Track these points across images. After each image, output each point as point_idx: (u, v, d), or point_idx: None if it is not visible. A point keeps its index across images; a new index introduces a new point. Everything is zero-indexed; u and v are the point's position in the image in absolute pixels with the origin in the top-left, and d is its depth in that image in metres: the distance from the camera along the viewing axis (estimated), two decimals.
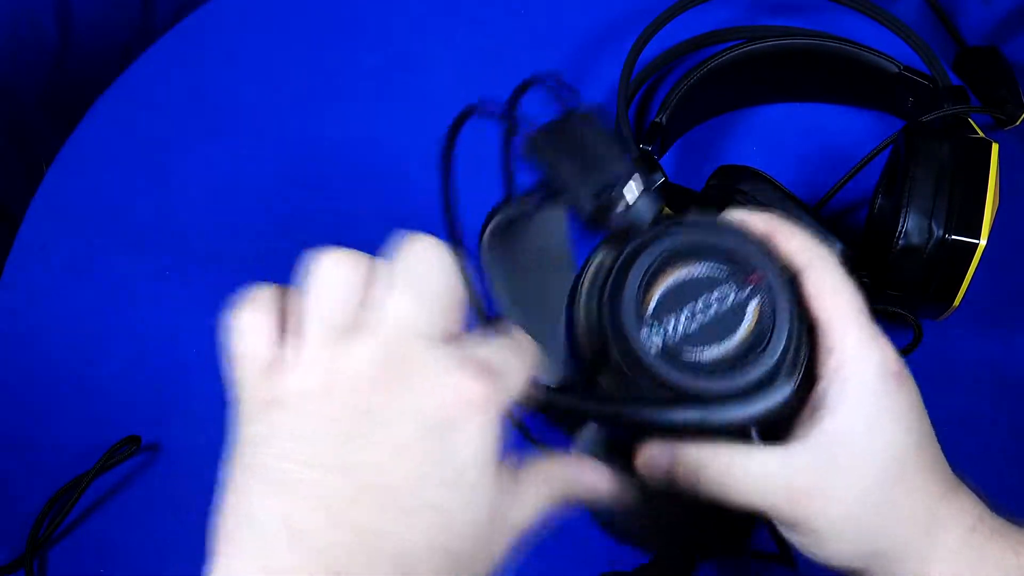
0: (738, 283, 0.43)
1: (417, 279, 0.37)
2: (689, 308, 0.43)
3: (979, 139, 0.60)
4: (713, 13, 0.74)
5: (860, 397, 0.43)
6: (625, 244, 0.44)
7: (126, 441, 0.66)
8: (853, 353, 0.44)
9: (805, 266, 0.45)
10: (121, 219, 0.73)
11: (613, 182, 0.44)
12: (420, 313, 0.37)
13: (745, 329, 0.43)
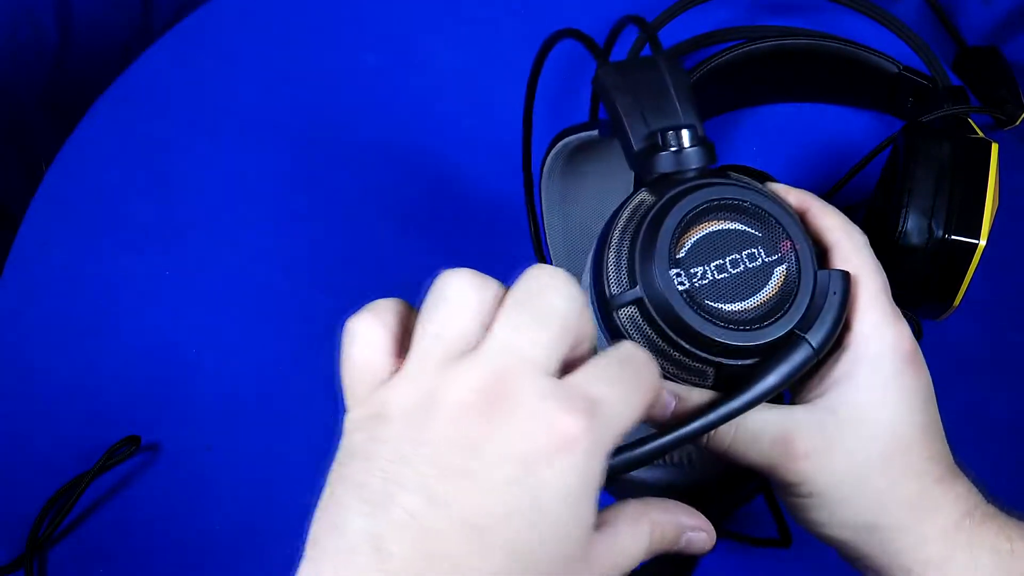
0: (769, 247, 0.44)
1: (538, 309, 0.37)
2: (719, 261, 0.44)
3: (979, 139, 0.60)
4: (713, 13, 0.74)
5: (870, 373, 0.45)
6: (669, 188, 0.44)
7: (126, 441, 0.66)
8: (869, 331, 0.45)
9: (835, 244, 0.47)
10: (121, 219, 0.73)
11: (669, 126, 0.45)
12: (533, 344, 0.36)
13: (767, 292, 0.44)
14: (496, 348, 0.36)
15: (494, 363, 0.36)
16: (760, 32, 0.72)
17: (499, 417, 0.35)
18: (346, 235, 0.71)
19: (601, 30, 0.76)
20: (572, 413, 0.35)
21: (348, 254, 0.70)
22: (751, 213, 0.44)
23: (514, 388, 0.36)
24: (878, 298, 0.46)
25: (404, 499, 0.35)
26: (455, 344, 0.37)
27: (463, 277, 0.38)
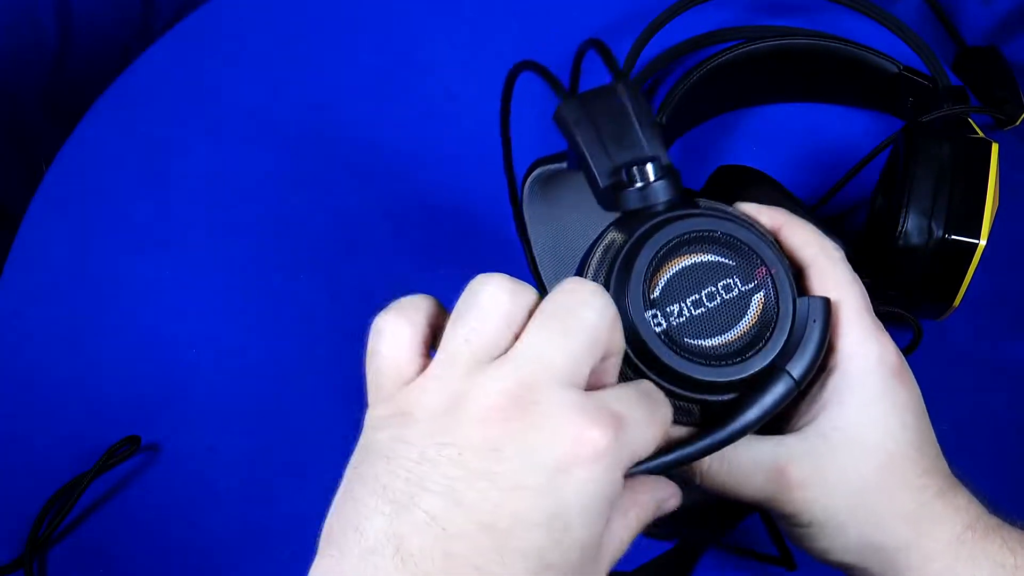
0: (744, 276, 0.44)
1: (569, 321, 0.37)
2: (695, 295, 0.43)
3: (979, 139, 0.60)
4: (713, 13, 0.74)
5: (858, 393, 0.44)
6: (638, 225, 0.44)
7: (126, 441, 0.66)
8: (852, 350, 0.45)
9: (810, 261, 0.46)
10: (121, 219, 0.73)
11: (633, 160, 0.44)
12: (563, 355, 0.36)
13: (747, 322, 0.44)
14: (526, 356, 0.36)
15: (523, 371, 0.36)
16: (760, 32, 0.72)
17: (525, 425, 0.36)
18: (346, 235, 0.71)
19: (601, 30, 0.76)
20: (599, 427, 0.36)
21: (348, 254, 0.70)
22: (723, 243, 0.44)
23: (542, 397, 0.36)
24: (859, 314, 0.45)
25: (427, 501, 0.35)
26: (485, 349, 0.37)
27: (498, 283, 0.38)
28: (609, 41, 0.76)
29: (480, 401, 0.36)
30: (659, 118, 0.67)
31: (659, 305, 0.43)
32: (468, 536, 0.35)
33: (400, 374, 0.38)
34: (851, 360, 0.45)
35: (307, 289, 0.69)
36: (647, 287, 0.43)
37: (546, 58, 0.75)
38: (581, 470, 0.35)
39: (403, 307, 0.39)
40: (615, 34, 0.76)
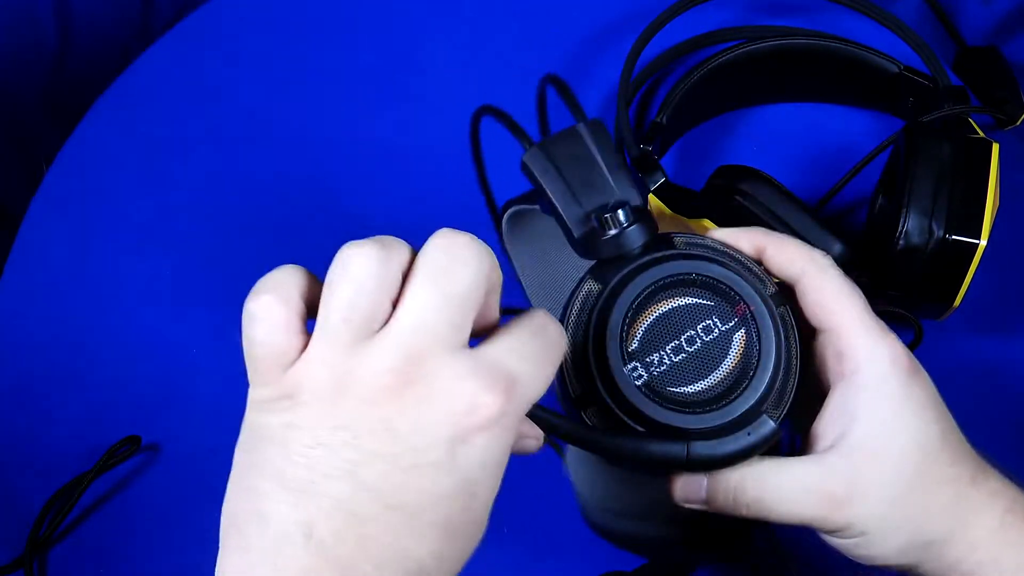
0: (724, 315, 0.43)
1: (445, 283, 0.36)
2: (674, 341, 0.43)
3: (980, 139, 0.60)
4: (713, 13, 0.74)
5: (879, 399, 0.44)
6: (612, 274, 0.43)
7: (126, 441, 0.66)
8: (865, 355, 0.44)
9: (800, 275, 0.46)
10: (121, 219, 0.73)
11: (603, 206, 0.43)
12: (444, 319, 0.36)
13: (730, 363, 0.43)
14: (407, 328, 0.36)
15: (406, 344, 0.36)
16: (760, 32, 0.72)
17: (417, 400, 0.35)
18: (346, 235, 0.71)
19: (601, 30, 0.76)
20: (491, 392, 0.36)
21: None
22: (699, 284, 0.43)
23: (429, 369, 0.36)
24: (862, 319, 0.45)
25: (330, 486, 0.35)
26: (364, 324, 0.36)
27: (366, 251, 0.37)
28: (609, 41, 0.76)
29: (367, 381, 0.35)
30: (659, 118, 0.67)
31: (638, 357, 0.42)
32: (378, 517, 0.35)
33: (280, 357, 0.37)
34: (866, 366, 0.44)
35: None
36: (624, 341, 0.42)
37: (546, 59, 0.75)
38: (479, 437, 0.36)
39: (273, 286, 0.38)
40: (615, 34, 0.76)
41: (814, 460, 0.45)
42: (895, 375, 0.44)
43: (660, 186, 0.62)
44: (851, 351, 0.45)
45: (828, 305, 0.45)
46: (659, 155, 0.69)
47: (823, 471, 0.44)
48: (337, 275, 0.37)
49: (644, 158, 0.63)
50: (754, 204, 0.60)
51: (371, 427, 0.35)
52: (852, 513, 0.44)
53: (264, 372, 0.37)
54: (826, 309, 0.45)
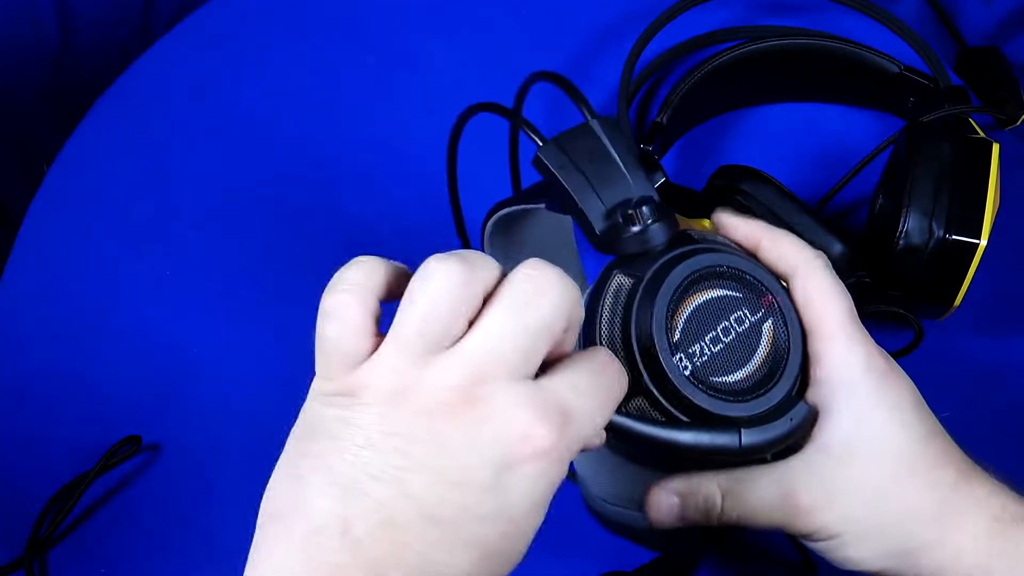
0: (752, 306, 0.44)
1: (525, 313, 0.36)
2: (712, 332, 0.43)
3: (980, 139, 0.60)
4: (714, 13, 0.74)
5: (851, 402, 0.44)
6: (645, 268, 0.43)
7: (126, 441, 0.66)
8: (840, 359, 0.45)
9: (792, 272, 0.46)
10: (121, 219, 0.73)
11: (626, 202, 0.44)
12: (515, 349, 0.36)
13: (763, 351, 0.44)
14: (477, 349, 0.36)
15: (474, 365, 0.36)
16: (760, 32, 0.72)
17: (473, 420, 0.36)
18: (346, 235, 0.71)
19: (601, 30, 0.76)
20: (546, 424, 0.36)
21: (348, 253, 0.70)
22: (729, 276, 0.44)
23: (490, 392, 0.36)
24: (843, 323, 0.45)
25: (374, 487, 0.35)
26: (437, 339, 0.36)
27: (451, 266, 0.37)
28: (610, 41, 0.76)
29: (429, 394, 0.36)
30: (660, 118, 0.67)
31: (682, 347, 0.43)
32: (415, 526, 0.35)
33: (349, 356, 0.37)
34: (839, 370, 0.45)
35: (307, 288, 0.68)
36: (670, 331, 0.42)
37: (546, 59, 0.75)
38: (528, 466, 0.36)
39: (351, 285, 0.38)
40: (616, 34, 0.76)
41: (780, 465, 0.45)
42: (869, 379, 0.45)
43: (661, 186, 0.62)
44: (826, 355, 0.45)
45: (813, 304, 0.45)
46: (660, 155, 0.69)
47: (786, 477, 0.44)
48: (418, 287, 0.37)
49: (645, 158, 0.63)
50: (755, 204, 0.60)
51: (424, 438, 0.36)
52: (823, 517, 0.44)
53: (331, 367, 0.37)
54: (810, 308, 0.45)
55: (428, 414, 0.36)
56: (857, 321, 0.46)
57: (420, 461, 0.35)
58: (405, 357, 0.36)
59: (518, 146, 0.55)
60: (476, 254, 0.38)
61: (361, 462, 0.35)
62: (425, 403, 0.36)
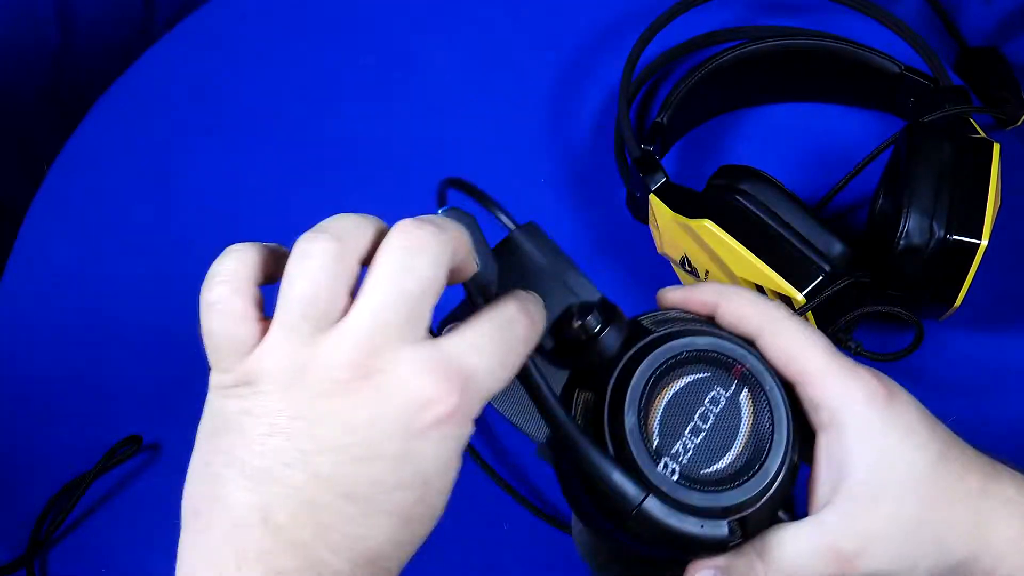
0: (724, 381, 0.42)
1: (401, 275, 0.36)
2: (690, 423, 0.41)
3: (981, 139, 0.60)
4: (714, 13, 0.74)
5: (863, 440, 0.43)
6: (606, 379, 0.41)
7: (127, 441, 0.66)
8: (838, 401, 0.43)
9: (760, 330, 0.44)
10: (122, 219, 0.73)
11: (567, 313, 0.42)
12: (400, 313, 0.36)
13: (746, 424, 0.42)
14: (362, 323, 0.36)
15: (362, 339, 0.36)
16: (761, 32, 0.72)
17: (372, 394, 0.36)
18: None
19: (602, 30, 0.76)
20: (445, 387, 0.36)
21: None
22: (691, 359, 0.42)
23: (385, 363, 0.36)
24: (828, 363, 0.43)
25: (287, 474, 0.35)
26: (321, 318, 0.36)
27: (323, 244, 0.37)
28: (610, 41, 0.76)
29: (324, 374, 0.36)
30: (660, 118, 0.67)
31: (664, 451, 0.41)
32: (333, 505, 0.36)
33: (238, 346, 0.37)
34: (842, 411, 0.43)
35: None
36: (646, 440, 0.40)
37: (547, 59, 0.75)
38: (433, 432, 0.36)
39: (227, 275, 0.38)
40: (616, 34, 0.76)
41: (815, 521, 0.43)
42: (873, 411, 0.43)
43: (661, 186, 0.62)
44: (824, 399, 0.43)
45: (792, 356, 0.43)
46: (660, 155, 0.69)
47: (825, 531, 0.43)
48: (294, 268, 0.37)
49: (645, 158, 0.63)
50: (755, 204, 0.60)
51: (326, 418, 0.36)
52: (867, 563, 0.43)
53: (223, 359, 0.37)
54: (791, 361, 0.43)
55: (327, 395, 0.36)
56: (840, 355, 0.44)
57: (326, 442, 0.35)
58: (293, 340, 0.36)
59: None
60: (344, 221, 0.38)
61: (271, 451, 0.36)
62: (321, 384, 0.36)
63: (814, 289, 0.57)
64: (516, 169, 0.72)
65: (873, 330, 0.66)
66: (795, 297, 0.57)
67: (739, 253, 0.58)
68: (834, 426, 0.43)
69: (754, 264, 0.58)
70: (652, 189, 0.62)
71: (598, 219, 0.71)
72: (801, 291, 0.57)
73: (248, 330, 0.37)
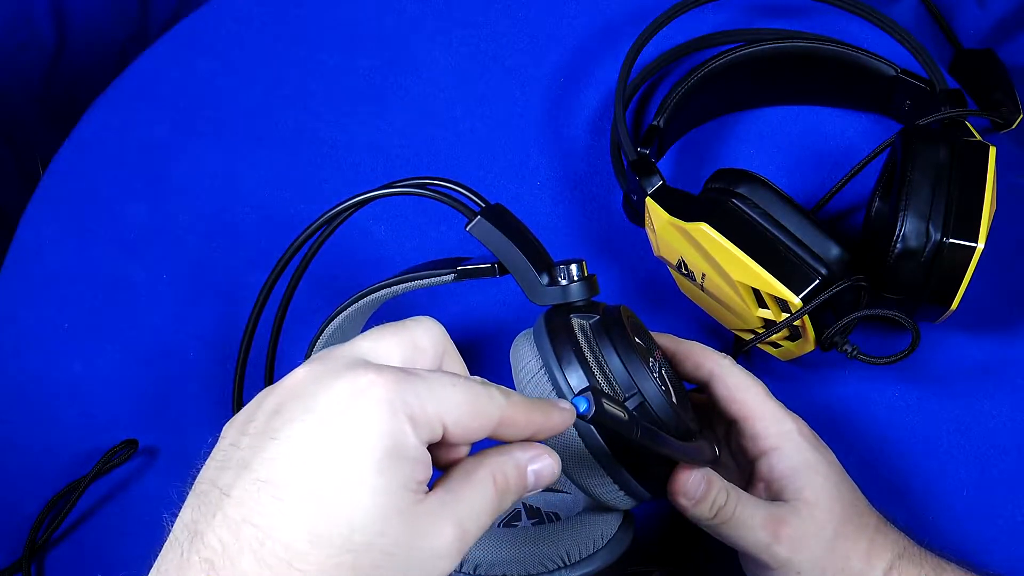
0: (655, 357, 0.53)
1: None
2: (654, 367, 0.51)
3: (977, 142, 0.60)
4: (711, 16, 0.74)
5: (802, 463, 0.54)
6: (593, 310, 0.51)
7: (123, 445, 0.66)
8: (776, 433, 0.54)
9: (709, 378, 0.56)
10: (118, 221, 0.73)
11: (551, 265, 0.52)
12: None
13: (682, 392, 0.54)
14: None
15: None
16: (757, 35, 0.72)
17: (308, 391, 0.37)
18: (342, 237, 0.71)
19: (600, 31, 0.76)
20: (371, 370, 0.37)
21: (343, 256, 0.70)
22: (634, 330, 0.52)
23: (324, 374, 0.38)
24: (766, 402, 0.55)
25: (210, 476, 0.37)
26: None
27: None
28: (608, 42, 0.76)
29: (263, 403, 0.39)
30: (657, 121, 0.67)
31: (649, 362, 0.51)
32: (241, 501, 0.36)
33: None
34: (782, 440, 0.54)
35: (304, 291, 0.69)
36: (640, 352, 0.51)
37: (543, 60, 0.75)
38: (357, 408, 0.36)
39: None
40: (612, 36, 0.76)
41: (774, 504, 0.53)
42: (807, 444, 0.54)
43: (657, 189, 0.62)
44: (764, 433, 0.54)
45: (738, 398, 0.55)
46: (656, 158, 0.69)
47: (774, 509, 0.53)
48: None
49: (641, 161, 0.63)
50: (751, 208, 0.60)
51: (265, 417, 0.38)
52: (794, 554, 0.52)
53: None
54: (735, 403, 0.55)
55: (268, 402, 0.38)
56: (775, 400, 0.56)
57: (258, 439, 0.37)
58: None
59: None
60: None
61: (207, 467, 0.39)
62: (263, 405, 0.39)
63: (810, 292, 0.57)
64: (513, 172, 0.72)
65: (870, 333, 0.66)
66: (791, 300, 0.57)
67: (735, 257, 0.58)
68: (774, 452, 0.54)
69: (750, 268, 0.58)
70: (648, 192, 0.62)
71: (594, 222, 0.71)
72: (797, 294, 0.57)
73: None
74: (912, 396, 0.66)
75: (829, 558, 0.53)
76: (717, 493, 0.52)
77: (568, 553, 0.50)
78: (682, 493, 0.51)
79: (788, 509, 0.53)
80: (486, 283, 0.66)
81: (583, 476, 0.50)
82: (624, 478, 0.50)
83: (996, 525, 0.63)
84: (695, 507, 0.52)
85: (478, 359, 0.68)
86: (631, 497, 0.51)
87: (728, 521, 0.52)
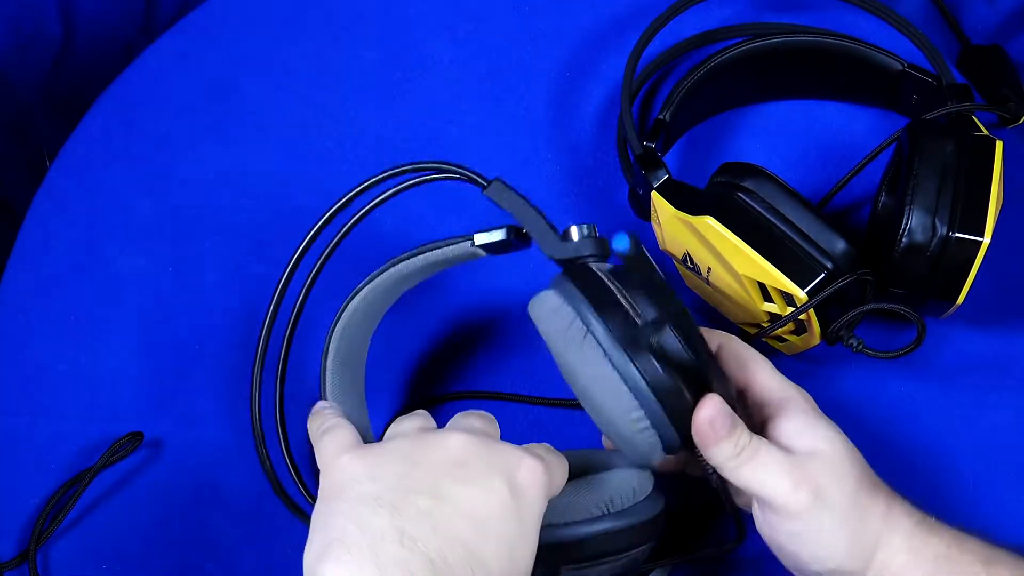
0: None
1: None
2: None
3: (983, 136, 0.60)
4: (717, 10, 0.74)
5: (814, 424, 0.54)
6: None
7: (128, 437, 0.66)
8: (784, 397, 0.55)
9: (719, 347, 0.56)
10: (123, 216, 0.73)
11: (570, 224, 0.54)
12: None
13: None
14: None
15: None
16: (764, 29, 0.72)
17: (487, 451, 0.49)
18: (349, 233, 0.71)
19: (605, 27, 0.76)
20: (538, 461, 0.49)
21: (349, 251, 0.70)
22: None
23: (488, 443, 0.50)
24: (772, 373, 0.56)
25: (416, 500, 0.46)
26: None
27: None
28: (613, 37, 0.76)
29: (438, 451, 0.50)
30: (663, 115, 0.67)
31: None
32: (456, 522, 0.47)
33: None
34: (790, 403, 0.54)
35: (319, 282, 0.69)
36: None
37: (550, 56, 0.75)
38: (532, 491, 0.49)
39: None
40: (619, 31, 0.76)
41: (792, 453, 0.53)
42: (814, 411, 0.55)
43: (663, 183, 0.62)
44: (771, 398, 0.55)
45: (744, 367, 0.55)
46: (663, 152, 0.69)
47: (794, 457, 0.52)
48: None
49: (648, 155, 0.63)
50: (757, 201, 0.60)
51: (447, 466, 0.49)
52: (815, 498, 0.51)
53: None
54: (743, 370, 0.55)
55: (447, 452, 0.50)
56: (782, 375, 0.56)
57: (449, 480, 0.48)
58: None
59: None
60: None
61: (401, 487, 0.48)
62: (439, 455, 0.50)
63: (816, 286, 0.57)
64: (519, 166, 0.72)
65: (875, 327, 0.66)
66: (797, 294, 0.57)
67: (741, 250, 0.58)
68: (784, 414, 0.54)
69: (756, 262, 0.58)
70: (654, 186, 0.62)
71: (600, 216, 0.71)
72: (803, 288, 0.57)
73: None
74: (918, 390, 0.66)
75: (850, 512, 0.52)
76: (742, 432, 0.51)
77: (611, 500, 0.54)
78: (710, 422, 0.50)
79: (810, 458, 0.52)
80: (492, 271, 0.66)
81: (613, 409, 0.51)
82: (653, 408, 0.50)
83: (1002, 519, 0.62)
84: (720, 443, 0.51)
85: (489, 338, 0.69)
86: (659, 435, 0.51)
87: (751, 462, 0.51)
